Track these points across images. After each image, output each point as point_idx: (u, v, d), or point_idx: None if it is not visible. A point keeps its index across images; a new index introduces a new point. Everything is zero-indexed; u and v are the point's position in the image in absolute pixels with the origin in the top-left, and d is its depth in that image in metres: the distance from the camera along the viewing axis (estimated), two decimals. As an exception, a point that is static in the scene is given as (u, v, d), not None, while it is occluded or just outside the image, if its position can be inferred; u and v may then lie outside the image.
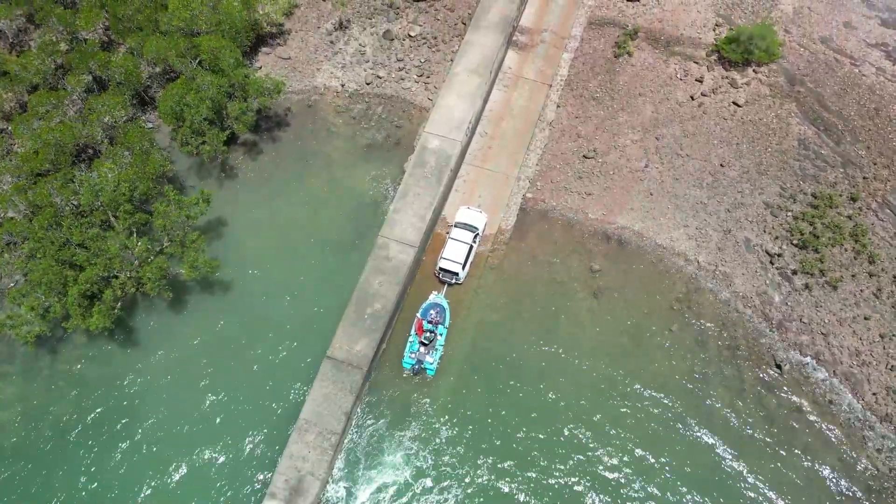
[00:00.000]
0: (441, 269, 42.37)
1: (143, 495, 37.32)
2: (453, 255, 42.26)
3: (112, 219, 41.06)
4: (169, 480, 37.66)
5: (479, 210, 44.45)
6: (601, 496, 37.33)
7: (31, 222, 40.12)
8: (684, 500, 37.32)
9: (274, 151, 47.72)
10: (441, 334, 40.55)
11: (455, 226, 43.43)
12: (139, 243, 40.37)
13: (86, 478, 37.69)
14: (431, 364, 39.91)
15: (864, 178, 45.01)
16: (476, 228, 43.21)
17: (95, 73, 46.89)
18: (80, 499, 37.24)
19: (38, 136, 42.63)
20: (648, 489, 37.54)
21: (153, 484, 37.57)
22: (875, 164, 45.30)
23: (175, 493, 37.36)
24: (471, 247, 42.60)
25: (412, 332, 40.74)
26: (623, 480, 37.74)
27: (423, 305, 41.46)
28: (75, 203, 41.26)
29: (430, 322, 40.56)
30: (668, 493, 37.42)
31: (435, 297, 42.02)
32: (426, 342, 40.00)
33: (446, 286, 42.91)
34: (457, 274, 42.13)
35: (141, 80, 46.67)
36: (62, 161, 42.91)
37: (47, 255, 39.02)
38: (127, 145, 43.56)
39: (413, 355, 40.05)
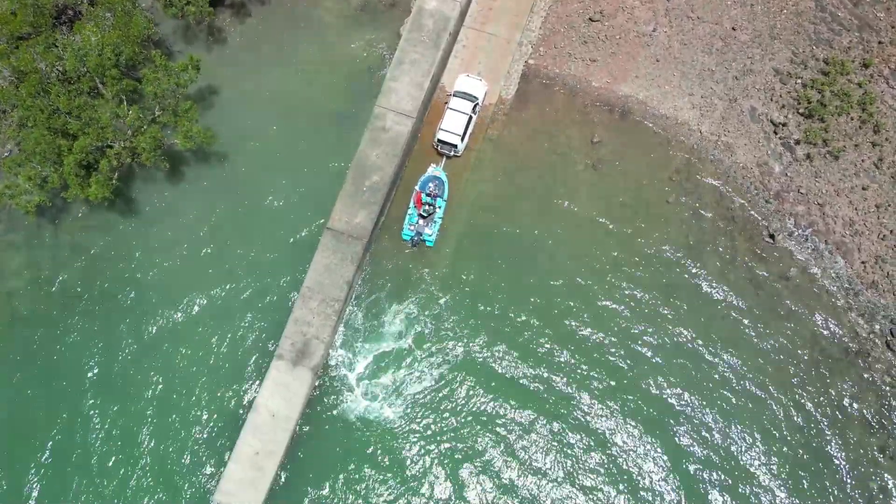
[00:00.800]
0: (439, 140, 41.71)
1: (151, 357, 39.25)
2: (452, 126, 41.41)
3: (100, 86, 39.86)
4: (177, 342, 39.48)
5: (480, 78, 42.99)
6: (593, 360, 39.32)
7: (18, 89, 38.96)
8: (669, 362, 39.38)
9: (262, 14, 45.38)
10: (440, 207, 40.74)
11: (454, 95, 42.18)
12: (130, 111, 39.47)
13: (94, 344, 39.45)
14: (430, 236, 40.47)
15: (879, 42, 43.24)
16: (476, 98, 42.00)
17: (66, -75, 43.49)
18: (86, 363, 39.18)
19: (13, -5, 40.41)
20: (635, 348, 39.49)
21: (161, 346, 39.43)
22: (893, 27, 43.31)
23: (183, 355, 39.28)
24: (470, 117, 41.64)
25: (411, 204, 40.91)
26: (610, 340, 39.59)
27: (422, 178, 41.32)
28: (61, 69, 39.83)
29: (428, 195, 40.61)
30: (654, 356, 39.44)
31: (433, 169, 41.75)
32: (425, 215, 40.29)
33: (445, 158, 42.50)
34: (455, 146, 41.55)
35: (116, -68, 43.33)
36: (42, 23, 40.84)
37: (38, 123, 38.25)
38: (108, 6, 41.31)
39: (412, 227, 40.49)
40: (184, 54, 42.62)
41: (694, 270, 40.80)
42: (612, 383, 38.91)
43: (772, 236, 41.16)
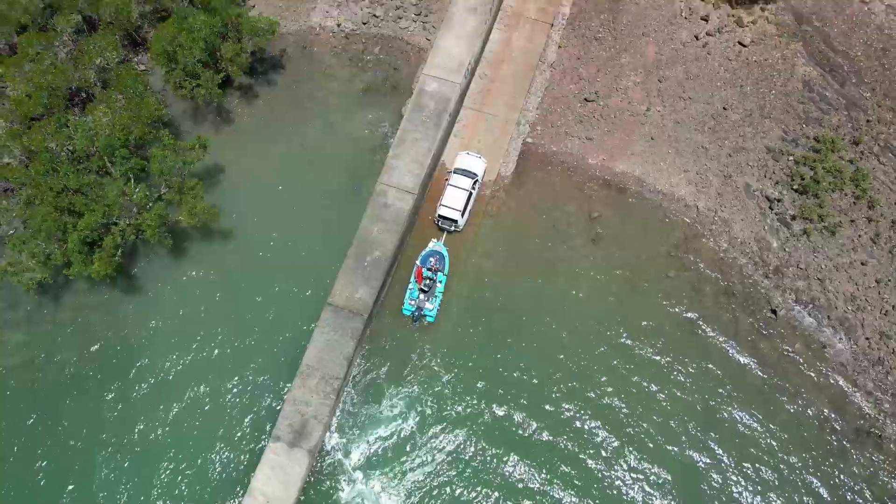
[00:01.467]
0: (440, 216, 42.31)
1: (147, 440, 38.38)
2: (452, 202, 42.10)
3: (108, 164, 40.72)
4: (173, 424, 38.69)
5: (479, 155, 44.00)
6: (597, 432, 38.54)
7: (28, 168, 39.81)
8: (677, 437, 38.50)
9: (270, 95, 46.90)
10: (440, 281, 40.87)
11: (454, 172, 43.09)
12: (137, 189, 40.16)
13: (92, 422, 38.71)
14: (431, 311, 40.41)
15: (867, 120, 44.46)
16: (475, 175, 42.88)
17: (85, 13, 45.57)
18: (86, 441, 38.34)
19: (29, 79, 41.77)
20: (642, 427, 38.70)
21: (158, 428, 38.62)
22: (879, 106, 44.64)
23: (180, 436, 38.45)
24: (470, 193, 42.38)
25: (412, 279, 41.05)
26: (613, 419, 38.85)
27: (423, 253, 41.64)
28: (70, 149, 40.82)
29: (429, 269, 40.82)
30: (661, 432, 38.60)
31: (434, 244, 42.16)
32: (426, 289, 40.37)
33: (445, 233, 42.96)
34: (456, 221, 42.09)
35: (131, 19, 45.38)
36: (55, 105, 42.19)
37: (45, 201, 38.88)
38: (120, 89, 42.78)
39: (413, 302, 40.48)
40: (192, 133, 43.86)
41: (697, 346, 40.46)
42: (620, 460, 37.96)
43: (774, 311, 41.06)
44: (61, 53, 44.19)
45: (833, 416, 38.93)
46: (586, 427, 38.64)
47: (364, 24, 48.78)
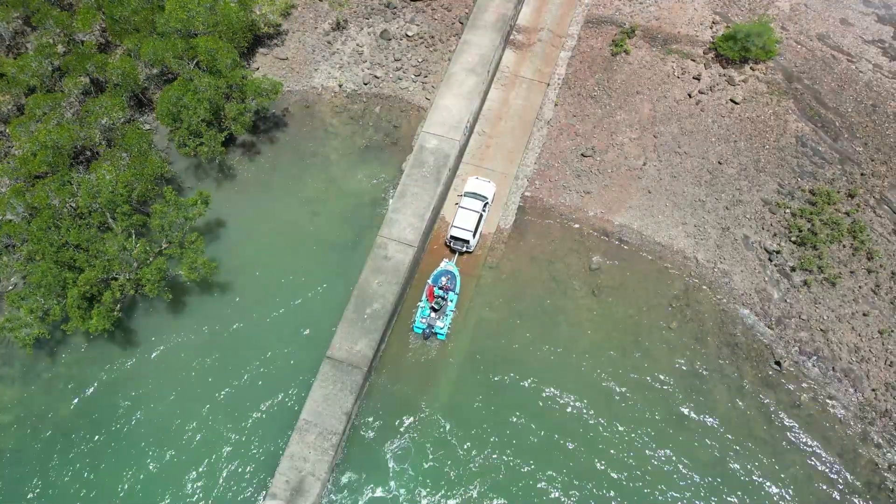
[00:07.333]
0: (452, 237, 42.93)
1: (141, 498, 37.26)
2: (464, 223, 42.87)
3: (110, 220, 41.03)
4: (169, 481, 37.64)
5: (488, 180, 44.98)
6: (600, 489, 37.37)
7: (30, 224, 40.07)
8: (683, 490, 37.34)
9: (272, 152, 47.72)
10: (451, 300, 40.97)
11: (465, 195, 44.08)
12: (138, 245, 40.32)
13: (85, 480, 37.68)
14: (442, 329, 40.41)
15: (861, 174, 45.05)
16: (485, 197, 43.90)
17: (93, 76, 46.92)
18: (78, 501, 37.16)
19: (35, 138, 42.55)
20: (646, 483, 37.59)
21: (153, 485, 37.54)
22: (873, 160, 45.35)
23: (175, 494, 37.32)
24: (481, 215, 43.22)
25: (423, 297, 41.24)
26: (621, 475, 37.79)
27: (434, 272, 42.09)
28: (73, 205, 41.23)
29: (441, 288, 41.04)
30: (666, 485, 37.48)
31: (446, 263, 42.60)
32: (437, 308, 40.36)
33: (457, 254, 43.34)
34: (468, 241, 42.68)
35: (138, 81, 46.67)
36: (60, 163, 42.85)
37: (46, 257, 38.98)
38: (125, 147, 43.53)
39: (424, 321, 40.57)
40: (194, 189, 44.36)
41: (701, 400, 39.78)
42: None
43: (778, 363, 40.55)
44: (68, 113, 45.20)
45: (841, 468, 37.90)
46: (588, 482, 37.51)
47: (365, 84, 50.14)
